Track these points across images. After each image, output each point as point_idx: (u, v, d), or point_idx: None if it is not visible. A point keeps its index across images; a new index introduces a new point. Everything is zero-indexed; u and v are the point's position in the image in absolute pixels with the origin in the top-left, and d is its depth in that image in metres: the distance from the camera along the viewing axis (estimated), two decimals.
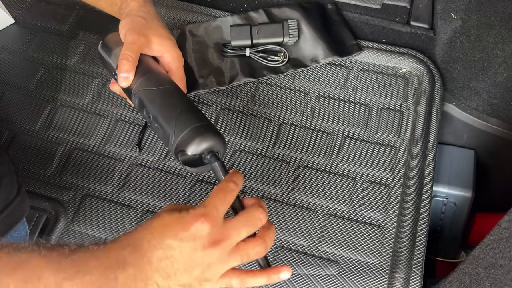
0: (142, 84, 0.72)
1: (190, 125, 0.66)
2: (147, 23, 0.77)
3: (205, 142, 0.65)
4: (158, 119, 0.68)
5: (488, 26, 0.97)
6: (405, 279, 0.80)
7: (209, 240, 0.53)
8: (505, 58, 0.95)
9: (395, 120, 0.96)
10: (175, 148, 0.66)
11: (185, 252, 0.52)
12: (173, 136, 0.66)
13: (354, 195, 0.89)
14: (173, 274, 0.52)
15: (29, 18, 1.10)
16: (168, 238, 0.52)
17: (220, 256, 0.54)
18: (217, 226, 0.54)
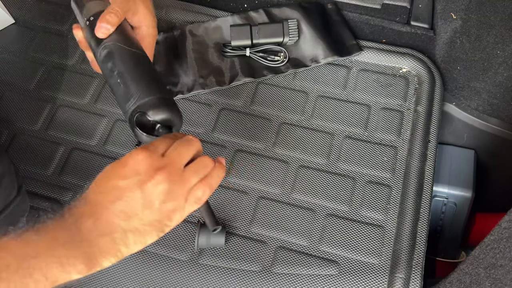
0: (116, 39, 0.72)
1: (158, 93, 0.67)
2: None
3: (168, 113, 0.67)
4: (124, 75, 0.69)
5: (488, 26, 0.97)
6: (405, 279, 0.80)
7: (153, 168, 0.53)
8: (505, 58, 0.95)
9: (395, 120, 0.96)
10: (135, 107, 0.66)
11: (134, 188, 0.52)
12: (137, 96, 0.67)
13: (354, 195, 0.89)
14: (134, 214, 0.52)
15: (29, 18, 1.10)
16: (111, 180, 0.53)
17: (172, 178, 0.53)
18: (156, 155, 0.54)
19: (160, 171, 0.53)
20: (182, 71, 1.01)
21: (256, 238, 0.85)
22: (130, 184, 0.52)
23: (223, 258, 0.83)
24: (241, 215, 0.87)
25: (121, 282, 0.84)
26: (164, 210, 0.54)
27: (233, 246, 0.84)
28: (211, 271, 0.83)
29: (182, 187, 0.54)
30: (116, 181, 0.53)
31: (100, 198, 0.53)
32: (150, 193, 0.53)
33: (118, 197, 0.52)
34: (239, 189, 0.89)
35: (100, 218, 0.52)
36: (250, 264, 0.83)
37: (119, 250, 0.53)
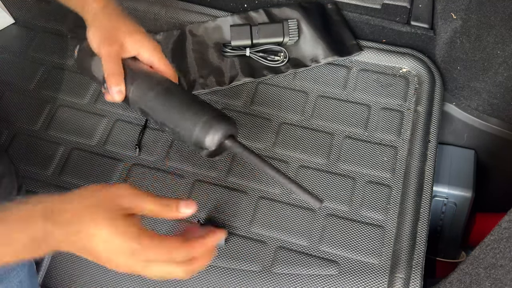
0: (135, 93, 0.69)
1: (198, 121, 0.65)
2: (114, 24, 0.72)
3: (219, 132, 0.64)
4: (165, 124, 0.68)
5: (488, 26, 0.97)
6: (405, 279, 0.80)
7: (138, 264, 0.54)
8: (505, 58, 0.95)
9: (395, 120, 0.96)
10: (194, 147, 0.66)
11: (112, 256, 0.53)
12: (186, 136, 0.66)
13: (354, 195, 0.89)
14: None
15: (29, 18, 1.10)
16: (90, 240, 0.53)
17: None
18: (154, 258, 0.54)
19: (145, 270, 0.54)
20: (182, 71, 1.01)
21: (256, 238, 0.85)
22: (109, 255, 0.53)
23: (223, 258, 0.83)
24: (241, 215, 0.87)
25: (121, 282, 0.84)
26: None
27: (233, 246, 0.84)
28: (211, 271, 0.83)
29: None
30: (95, 245, 0.53)
31: (71, 236, 0.53)
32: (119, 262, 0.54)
33: (87, 251, 0.54)
34: (239, 189, 0.90)
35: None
36: (250, 264, 0.83)
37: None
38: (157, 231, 0.86)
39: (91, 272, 0.84)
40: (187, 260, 0.55)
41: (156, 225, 0.86)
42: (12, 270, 0.71)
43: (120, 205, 0.54)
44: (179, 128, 0.66)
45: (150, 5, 1.09)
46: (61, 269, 0.85)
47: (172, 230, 0.86)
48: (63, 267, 0.85)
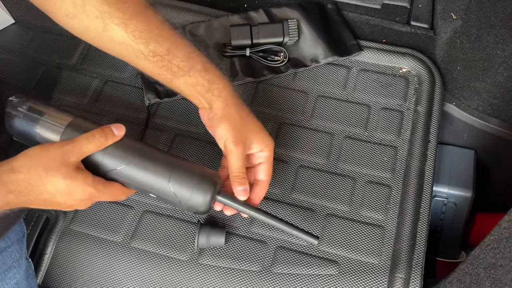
0: (107, 164, 0.66)
1: (186, 188, 0.66)
2: (244, 121, 0.73)
3: (208, 194, 0.67)
4: (151, 193, 0.68)
5: (488, 26, 0.97)
6: (405, 279, 0.80)
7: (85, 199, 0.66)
8: (505, 58, 0.95)
9: (395, 120, 0.96)
10: (189, 212, 0.70)
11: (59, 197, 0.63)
12: (178, 203, 0.67)
13: (354, 195, 0.89)
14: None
15: (29, 18, 1.10)
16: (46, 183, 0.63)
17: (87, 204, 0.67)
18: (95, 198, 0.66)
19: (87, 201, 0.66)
20: None
21: (256, 238, 0.85)
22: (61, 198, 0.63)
23: (223, 258, 0.83)
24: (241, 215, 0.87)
25: (121, 282, 0.84)
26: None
27: (233, 246, 0.84)
28: (211, 271, 0.83)
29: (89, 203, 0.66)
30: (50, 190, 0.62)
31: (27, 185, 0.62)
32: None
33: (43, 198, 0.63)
34: None
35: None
36: (250, 264, 0.83)
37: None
38: (157, 231, 0.86)
39: (91, 272, 0.84)
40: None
41: (156, 225, 0.86)
42: (9, 271, 0.71)
43: (68, 160, 0.62)
44: (168, 196, 0.67)
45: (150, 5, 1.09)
46: (61, 269, 0.85)
47: (172, 230, 0.86)
48: (63, 267, 0.85)
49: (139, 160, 0.66)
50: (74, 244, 0.86)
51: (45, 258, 0.85)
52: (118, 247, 0.85)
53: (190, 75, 0.71)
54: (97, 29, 0.68)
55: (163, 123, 0.96)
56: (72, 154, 0.62)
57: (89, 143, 0.64)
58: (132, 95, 1.00)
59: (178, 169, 0.67)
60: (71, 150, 0.62)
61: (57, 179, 0.61)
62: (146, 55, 0.69)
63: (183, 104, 0.98)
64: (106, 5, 0.66)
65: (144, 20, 0.69)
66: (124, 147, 0.67)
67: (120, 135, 0.66)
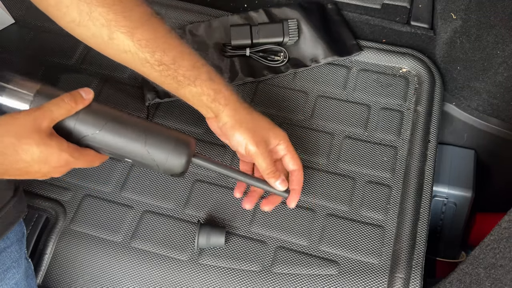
0: (80, 130, 0.64)
1: (163, 151, 0.66)
2: (256, 122, 0.76)
3: (184, 156, 0.67)
4: (127, 157, 0.67)
5: (488, 26, 0.97)
6: (405, 279, 0.80)
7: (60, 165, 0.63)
8: (505, 58, 0.95)
9: (395, 120, 0.96)
10: (165, 174, 0.70)
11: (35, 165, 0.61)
12: (155, 166, 0.67)
13: (354, 195, 0.89)
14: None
15: (29, 18, 1.10)
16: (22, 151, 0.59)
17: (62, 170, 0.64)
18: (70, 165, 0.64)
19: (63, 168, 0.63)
20: None
21: (256, 238, 0.85)
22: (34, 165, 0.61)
23: (223, 258, 0.83)
24: (241, 215, 0.87)
25: (121, 282, 0.84)
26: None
27: (233, 246, 0.84)
28: (211, 271, 0.83)
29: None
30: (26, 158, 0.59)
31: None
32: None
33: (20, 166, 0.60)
34: None
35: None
36: (250, 264, 0.83)
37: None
38: (157, 231, 0.86)
39: (91, 272, 0.84)
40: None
41: (156, 225, 0.86)
42: (8, 271, 0.71)
43: (40, 126, 0.60)
44: (143, 160, 0.67)
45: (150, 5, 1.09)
46: (61, 269, 0.85)
47: (172, 230, 0.86)
48: (63, 267, 0.85)
49: (113, 124, 0.65)
50: (74, 244, 0.86)
51: (45, 258, 0.85)
52: (118, 247, 0.85)
53: (195, 85, 0.71)
54: (102, 37, 0.68)
55: (163, 123, 0.96)
56: (43, 119, 0.60)
57: (59, 108, 0.62)
58: (132, 95, 1.00)
59: (153, 133, 0.67)
60: (41, 116, 0.60)
61: (30, 147, 0.59)
62: (151, 64, 0.69)
63: (183, 104, 0.97)
64: (113, 13, 0.66)
65: (150, 29, 0.69)
66: (97, 112, 0.65)
67: (89, 99, 0.65)
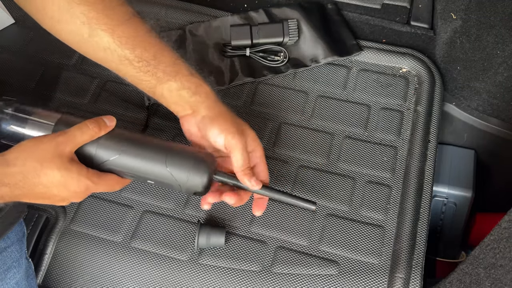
0: (101, 155, 0.66)
1: (184, 170, 0.66)
2: (235, 117, 0.74)
3: (205, 174, 0.66)
4: (149, 179, 0.67)
5: (488, 26, 0.97)
6: (405, 279, 0.80)
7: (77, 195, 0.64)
8: (505, 58, 0.95)
9: (395, 120, 0.96)
10: (188, 193, 0.70)
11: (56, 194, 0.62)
12: (177, 185, 0.67)
13: (354, 195, 0.89)
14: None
15: (29, 18, 1.09)
16: (43, 182, 0.61)
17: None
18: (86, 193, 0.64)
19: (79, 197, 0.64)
20: None
21: (256, 238, 0.85)
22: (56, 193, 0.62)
23: (223, 258, 0.83)
24: (241, 215, 0.87)
25: (121, 282, 0.84)
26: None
27: (233, 246, 0.84)
28: (211, 271, 0.83)
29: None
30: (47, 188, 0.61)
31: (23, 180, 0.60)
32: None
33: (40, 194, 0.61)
34: None
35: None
36: (250, 264, 0.83)
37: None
38: (157, 231, 0.86)
39: (91, 272, 0.84)
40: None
41: (156, 225, 0.86)
42: (8, 271, 0.71)
43: (63, 151, 0.61)
44: (166, 180, 0.67)
45: (150, 5, 1.09)
46: (61, 269, 0.85)
47: (172, 230, 0.86)
48: (63, 267, 0.85)
49: (133, 147, 0.66)
50: (74, 244, 0.86)
51: (45, 258, 0.85)
52: (118, 247, 0.85)
53: (176, 80, 0.70)
54: (82, 35, 0.68)
55: (163, 123, 0.96)
56: (66, 144, 0.62)
57: (83, 133, 0.63)
58: (132, 95, 1.00)
59: (173, 152, 0.67)
60: (64, 141, 0.62)
61: (51, 171, 0.60)
62: (131, 60, 0.68)
63: None
64: (94, 11, 0.66)
65: (131, 27, 0.69)
66: (117, 137, 0.66)
67: (112, 125, 0.66)
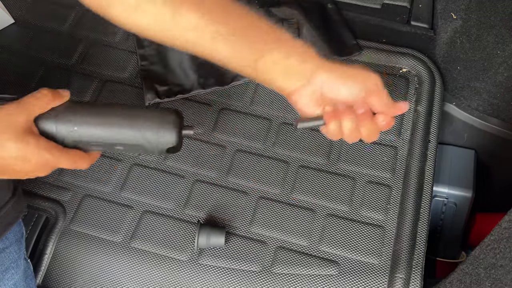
0: (61, 131, 0.62)
1: (152, 127, 0.62)
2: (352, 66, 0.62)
3: (176, 128, 0.62)
4: (117, 145, 0.63)
5: (488, 26, 0.97)
6: (405, 279, 0.80)
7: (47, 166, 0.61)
8: (505, 58, 0.95)
9: (395, 120, 0.96)
10: (160, 153, 0.66)
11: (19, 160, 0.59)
12: (148, 145, 0.63)
13: (354, 195, 0.89)
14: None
15: (29, 18, 1.10)
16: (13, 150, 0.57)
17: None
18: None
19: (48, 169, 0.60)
20: (182, 71, 1.01)
21: (256, 238, 0.85)
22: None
23: (223, 258, 0.83)
24: (241, 215, 0.87)
25: (121, 282, 0.84)
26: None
27: (233, 246, 0.84)
28: (211, 271, 0.83)
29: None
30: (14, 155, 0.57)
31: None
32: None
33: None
34: (239, 189, 0.89)
35: None
36: (250, 264, 0.83)
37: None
38: (157, 231, 0.86)
39: (91, 272, 0.84)
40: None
41: (156, 225, 0.86)
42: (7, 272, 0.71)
43: (16, 120, 0.57)
44: (138, 142, 0.63)
45: None
46: (60, 269, 0.85)
47: (172, 230, 0.86)
48: (63, 267, 0.85)
49: (93, 115, 0.63)
50: (74, 244, 0.86)
51: (45, 258, 0.85)
52: (118, 247, 0.85)
53: (280, 49, 0.59)
54: (164, 17, 0.60)
55: None
56: (19, 113, 0.58)
57: (36, 99, 0.59)
58: (132, 95, 1.00)
59: (136, 112, 0.64)
60: (16, 109, 0.58)
61: (6, 142, 0.56)
62: (224, 35, 0.60)
63: (183, 104, 0.98)
64: None
65: (215, 0, 0.61)
66: (74, 108, 0.63)
67: (66, 95, 0.62)
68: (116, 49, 1.05)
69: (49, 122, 0.61)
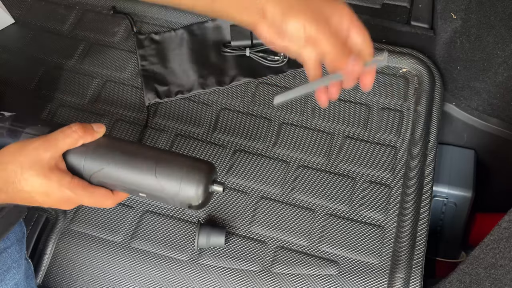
0: (89, 167, 0.61)
1: (175, 180, 0.59)
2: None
3: (200, 185, 0.59)
4: (140, 191, 0.61)
5: (488, 26, 0.97)
6: (405, 279, 0.80)
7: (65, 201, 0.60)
8: (505, 58, 0.95)
9: (395, 120, 0.96)
10: (182, 207, 0.63)
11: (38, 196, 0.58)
12: (169, 198, 0.60)
13: (354, 195, 0.89)
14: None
15: (29, 18, 1.10)
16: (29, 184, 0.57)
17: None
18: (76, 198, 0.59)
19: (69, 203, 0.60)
20: (182, 71, 1.01)
21: (256, 238, 0.85)
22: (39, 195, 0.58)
23: (223, 258, 0.83)
24: (241, 215, 0.87)
25: (121, 282, 0.84)
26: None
27: (233, 246, 0.84)
28: (211, 271, 0.83)
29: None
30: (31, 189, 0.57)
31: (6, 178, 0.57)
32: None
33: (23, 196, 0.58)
34: (239, 189, 0.90)
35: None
36: (250, 264, 0.83)
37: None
38: (157, 231, 0.86)
39: (91, 272, 0.84)
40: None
41: (156, 225, 0.86)
42: (8, 272, 0.71)
43: (42, 156, 0.57)
44: (156, 193, 0.60)
45: (150, 5, 1.09)
46: (61, 269, 0.85)
47: (172, 230, 0.86)
48: (63, 267, 0.85)
49: (122, 157, 0.60)
50: (74, 244, 0.86)
51: (45, 258, 0.85)
52: (118, 247, 0.85)
53: None
54: None
55: (163, 123, 0.96)
56: (46, 149, 0.57)
57: (65, 137, 0.58)
58: (132, 95, 1.00)
59: (164, 160, 0.60)
60: (44, 145, 0.57)
61: (31, 177, 0.56)
62: None
63: (183, 104, 0.98)
64: None
65: None
66: (105, 147, 0.61)
67: (100, 132, 0.61)
68: (116, 49, 1.05)
69: (77, 159, 0.60)
